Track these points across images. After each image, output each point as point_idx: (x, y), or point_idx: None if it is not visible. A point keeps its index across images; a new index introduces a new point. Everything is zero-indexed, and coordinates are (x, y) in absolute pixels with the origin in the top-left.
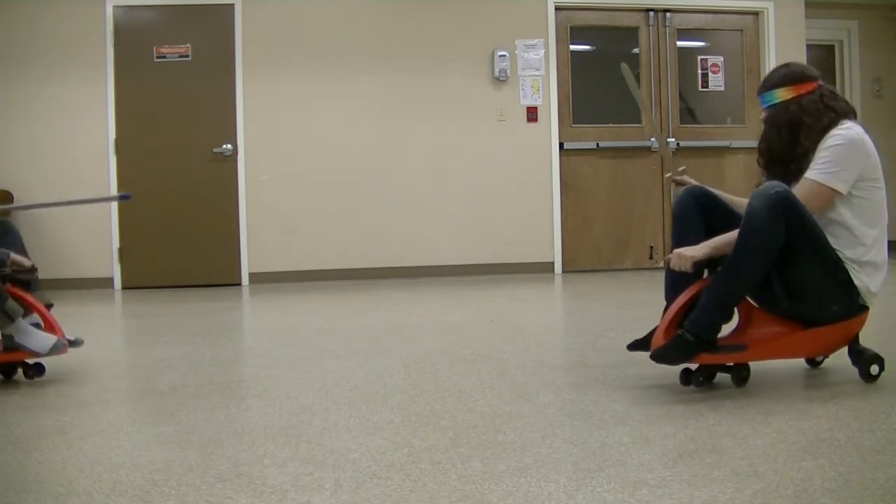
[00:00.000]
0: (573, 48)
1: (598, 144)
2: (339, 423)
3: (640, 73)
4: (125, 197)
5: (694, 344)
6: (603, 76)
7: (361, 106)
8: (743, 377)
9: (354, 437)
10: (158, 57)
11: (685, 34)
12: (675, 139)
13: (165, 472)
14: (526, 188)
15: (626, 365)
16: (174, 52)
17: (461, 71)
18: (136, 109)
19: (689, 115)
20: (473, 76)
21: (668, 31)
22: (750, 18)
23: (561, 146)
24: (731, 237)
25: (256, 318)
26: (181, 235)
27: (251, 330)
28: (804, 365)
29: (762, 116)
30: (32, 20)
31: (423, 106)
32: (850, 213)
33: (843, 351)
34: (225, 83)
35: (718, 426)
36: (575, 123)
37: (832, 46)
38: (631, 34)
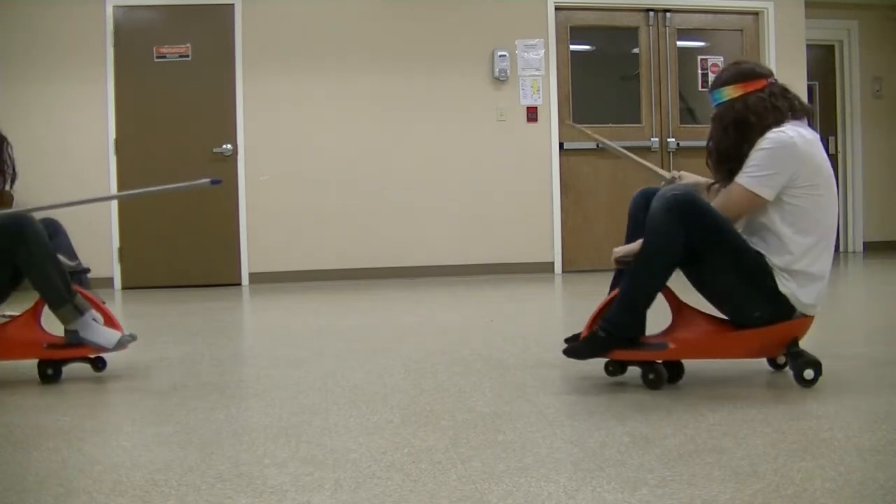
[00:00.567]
0: (573, 48)
1: (598, 144)
2: (339, 423)
3: (640, 72)
4: (217, 182)
5: (605, 340)
6: (603, 76)
7: (361, 106)
8: (666, 376)
9: (354, 437)
10: (158, 57)
11: (685, 34)
12: (675, 139)
13: (165, 472)
14: (526, 188)
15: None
16: (174, 52)
17: (461, 71)
18: (136, 109)
19: (689, 115)
20: (473, 76)
21: (668, 31)
22: (750, 18)
23: (561, 146)
24: None
25: (256, 318)
26: (181, 235)
27: (251, 330)
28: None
29: (711, 115)
30: (32, 20)
31: (423, 106)
32: (779, 218)
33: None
34: (225, 83)
35: (718, 426)
36: (575, 123)
37: (832, 46)
38: (631, 34)
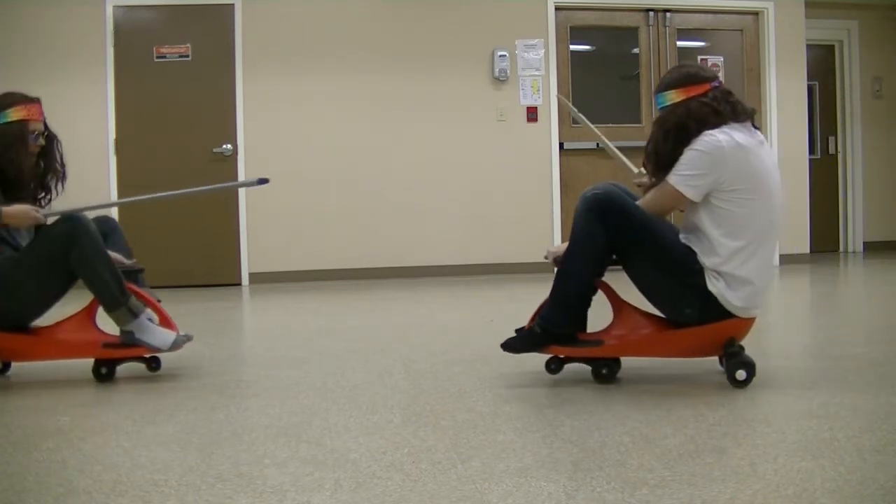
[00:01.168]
0: (573, 48)
1: (598, 144)
2: (339, 423)
3: (640, 72)
4: (264, 181)
5: (541, 336)
6: (603, 76)
7: (361, 106)
8: (604, 374)
9: (354, 437)
10: (158, 57)
11: (685, 34)
12: None
13: (165, 472)
14: (526, 188)
15: (626, 365)
16: (174, 52)
17: (461, 71)
18: (136, 109)
19: None
20: (473, 76)
21: (668, 31)
22: (750, 18)
23: (561, 146)
24: None
25: (256, 318)
26: (181, 235)
27: (251, 330)
28: (804, 365)
29: (654, 118)
30: (32, 20)
31: (423, 106)
32: (708, 220)
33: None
34: (225, 83)
35: (718, 426)
36: (575, 123)
37: (832, 46)
38: (631, 34)
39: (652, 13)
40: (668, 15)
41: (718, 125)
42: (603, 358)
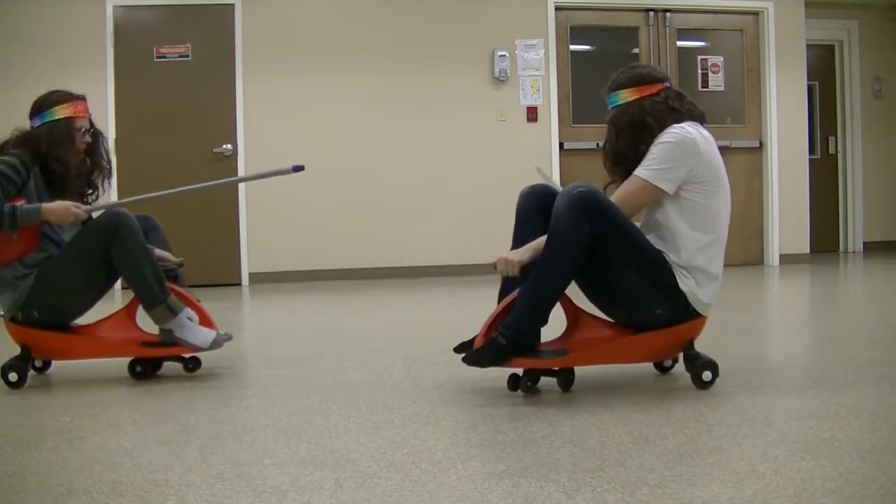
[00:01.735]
0: (573, 48)
1: (598, 144)
2: (339, 423)
3: None
4: (299, 168)
5: (506, 348)
6: (603, 76)
7: (361, 106)
8: (569, 381)
9: (354, 437)
10: (158, 57)
11: (685, 34)
12: None
13: (165, 472)
14: None
15: (626, 365)
16: (174, 52)
17: (461, 71)
18: (136, 109)
19: None
20: (473, 76)
21: (668, 31)
22: (750, 18)
23: (561, 146)
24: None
25: (256, 318)
26: (181, 235)
27: (251, 330)
28: (804, 365)
29: (607, 118)
30: (32, 20)
31: (423, 106)
32: (677, 214)
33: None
34: (225, 83)
35: (718, 426)
36: (575, 123)
37: (832, 46)
38: (631, 34)
39: (652, 13)
40: (668, 15)
41: (678, 121)
42: (563, 368)
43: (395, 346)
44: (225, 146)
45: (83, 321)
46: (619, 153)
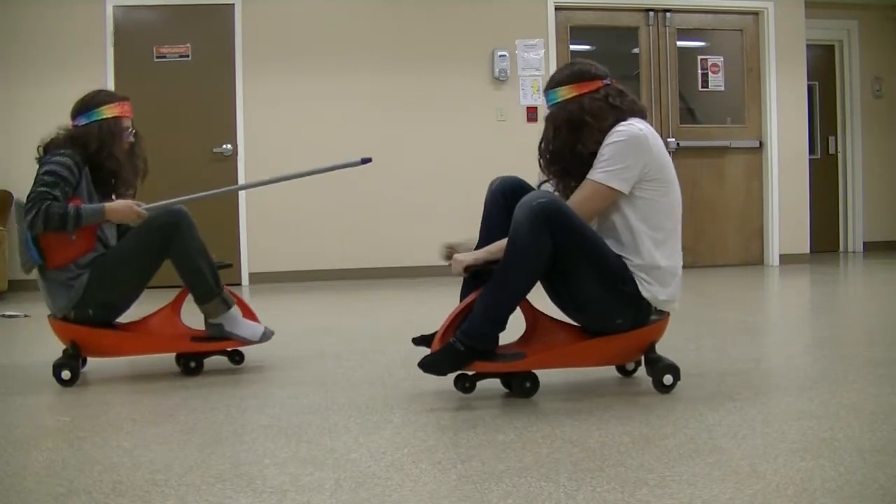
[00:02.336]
0: (573, 48)
1: None
2: (339, 423)
3: (640, 72)
4: (367, 161)
5: (465, 353)
6: None
7: (361, 106)
8: (527, 387)
9: (354, 437)
10: (158, 57)
11: (685, 34)
12: (675, 139)
13: (165, 472)
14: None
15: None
16: (174, 52)
17: (461, 71)
18: (135, 109)
19: (689, 115)
20: (473, 76)
21: (668, 31)
22: (750, 18)
23: None
24: (505, 243)
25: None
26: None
27: None
28: (804, 365)
29: (545, 115)
30: (32, 20)
31: (423, 106)
32: (633, 214)
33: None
34: (225, 83)
35: (718, 426)
36: None
37: (832, 46)
38: (631, 34)
39: (652, 13)
40: (668, 15)
41: (620, 120)
42: (521, 372)
43: (395, 345)
44: (225, 146)
45: (127, 318)
46: (555, 151)
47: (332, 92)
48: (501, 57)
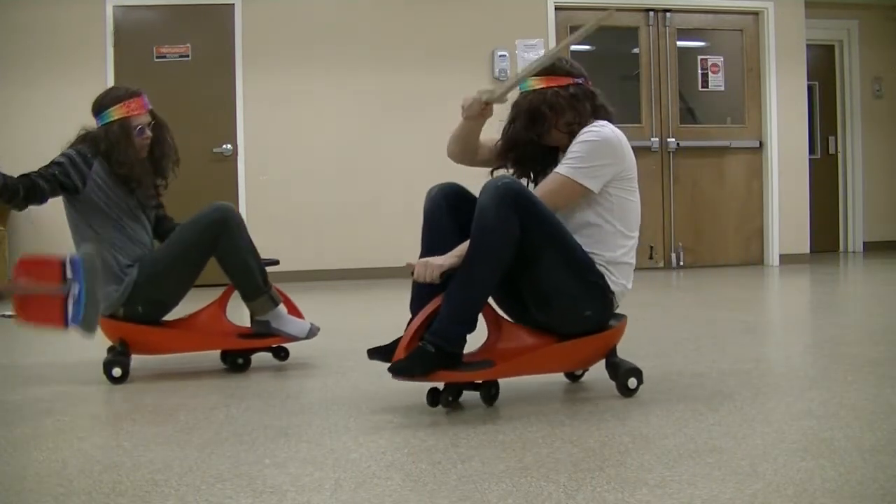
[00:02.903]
0: (573, 48)
1: None
2: (339, 423)
3: (640, 72)
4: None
5: (435, 355)
6: (603, 76)
7: (361, 106)
8: (493, 395)
9: (354, 437)
10: (158, 57)
11: (685, 34)
12: (675, 139)
13: (165, 472)
14: None
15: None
16: (174, 52)
17: (461, 71)
18: None
19: (689, 115)
20: (473, 76)
21: (668, 31)
22: (750, 18)
23: None
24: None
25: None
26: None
27: None
28: (804, 365)
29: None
30: (32, 20)
31: (423, 106)
32: (608, 213)
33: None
34: (225, 83)
35: (718, 426)
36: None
37: (832, 46)
38: (631, 34)
39: (652, 13)
40: (668, 15)
41: (581, 121)
42: (487, 380)
43: None
44: (225, 146)
45: (173, 315)
46: (510, 139)
47: (332, 92)
48: (501, 57)
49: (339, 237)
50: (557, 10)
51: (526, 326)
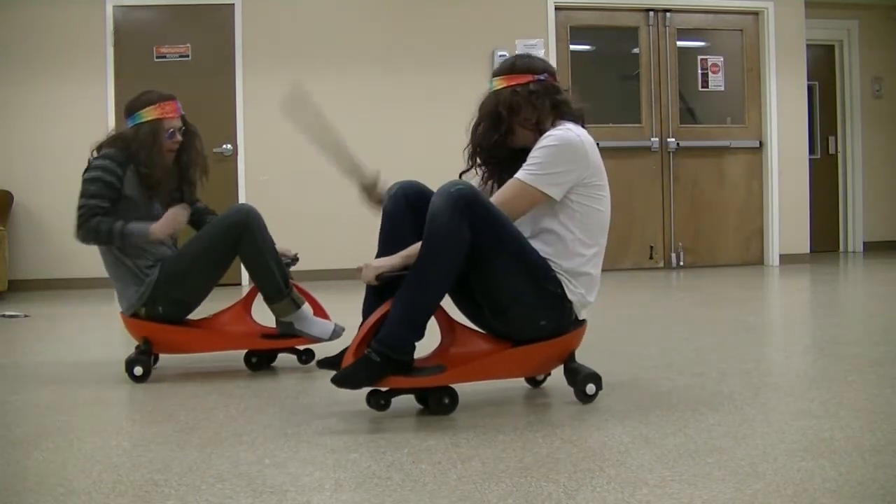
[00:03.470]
0: (573, 48)
1: (597, 144)
2: (338, 423)
3: (640, 72)
4: None
5: (381, 364)
6: (603, 76)
7: (361, 106)
8: (446, 403)
9: (354, 437)
10: (158, 57)
11: (685, 34)
12: (675, 139)
13: (165, 472)
14: None
15: (626, 365)
16: (174, 52)
17: (461, 71)
18: None
19: (689, 115)
20: (474, 76)
21: (668, 31)
22: (750, 18)
23: None
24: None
25: (256, 317)
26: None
27: None
28: (804, 365)
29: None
30: (32, 20)
31: (423, 106)
32: (569, 220)
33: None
34: (225, 83)
35: (718, 426)
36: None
37: (832, 46)
38: (631, 34)
39: (652, 13)
40: (668, 15)
41: (539, 118)
42: (439, 386)
43: None
44: (225, 146)
45: (197, 315)
46: (475, 143)
47: (331, 91)
48: (501, 57)
49: (338, 237)
50: (557, 9)
51: (481, 331)
